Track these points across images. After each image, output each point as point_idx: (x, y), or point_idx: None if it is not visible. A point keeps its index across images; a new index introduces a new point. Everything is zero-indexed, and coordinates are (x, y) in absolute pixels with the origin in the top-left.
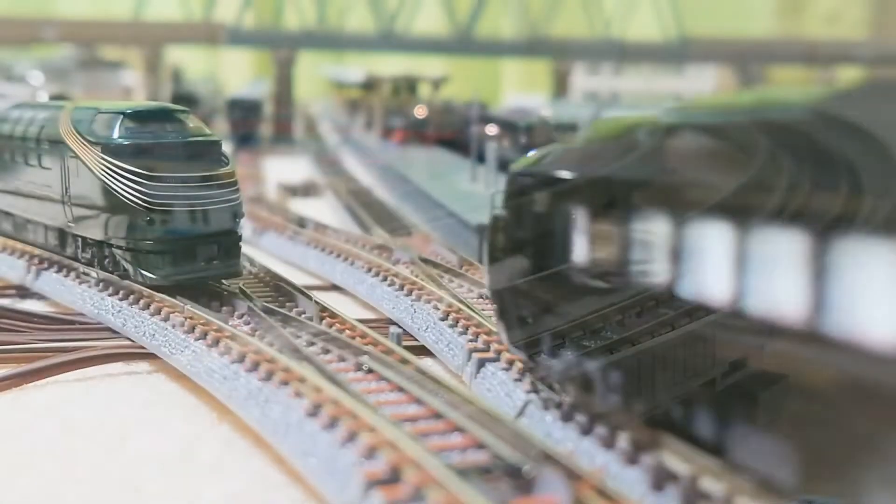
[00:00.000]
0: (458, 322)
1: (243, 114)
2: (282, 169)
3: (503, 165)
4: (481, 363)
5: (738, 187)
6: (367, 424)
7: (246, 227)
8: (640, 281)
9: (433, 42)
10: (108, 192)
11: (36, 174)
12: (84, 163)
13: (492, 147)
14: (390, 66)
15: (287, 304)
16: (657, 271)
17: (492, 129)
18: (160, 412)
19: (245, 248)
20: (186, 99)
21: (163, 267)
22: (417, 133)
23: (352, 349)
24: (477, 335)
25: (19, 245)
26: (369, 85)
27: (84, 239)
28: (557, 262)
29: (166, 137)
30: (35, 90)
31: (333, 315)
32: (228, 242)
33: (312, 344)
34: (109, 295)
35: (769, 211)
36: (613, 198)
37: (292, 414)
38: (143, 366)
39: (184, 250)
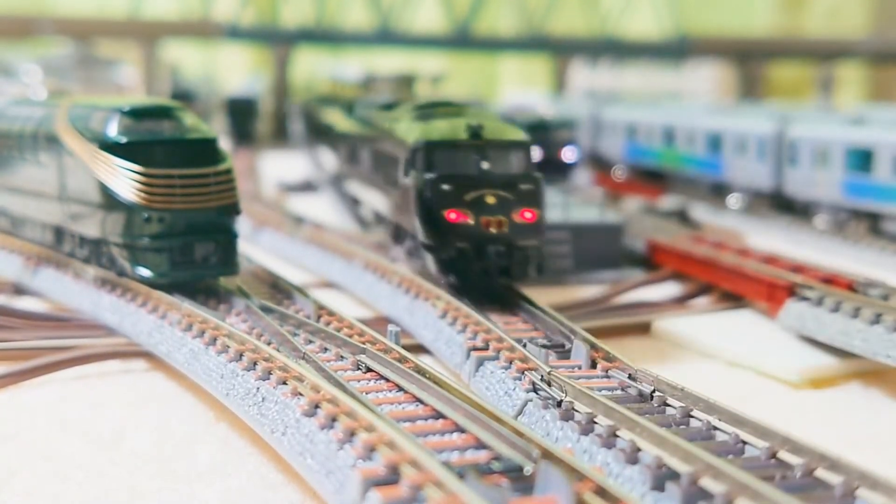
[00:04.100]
0: (456, 320)
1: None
2: (279, 166)
3: None
4: (480, 361)
5: None
6: (366, 423)
7: (243, 225)
8: None
9: (432, 38)
10: (104, 189)
11: (33, 171)
12: (81, 160)
13: None
14: (389, 63)
15: (284, 301)
16: None
17: None
18: (157, 411)
19: (243, 246)
20: (184, 96)
21: (160, 265)
22: None
23: (350, 347)
24: (475, 333)
25: (16, 242)
26: (367, 83)
27: (81, 236)
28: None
29: (163, 134)
30: (30, 86)
31: (331, 313)
32: (226, 240)
33: (310, 342)
34: (106, 293)
35: None
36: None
37: (290, 413)
38: (140, 364)
39: (181, 248)
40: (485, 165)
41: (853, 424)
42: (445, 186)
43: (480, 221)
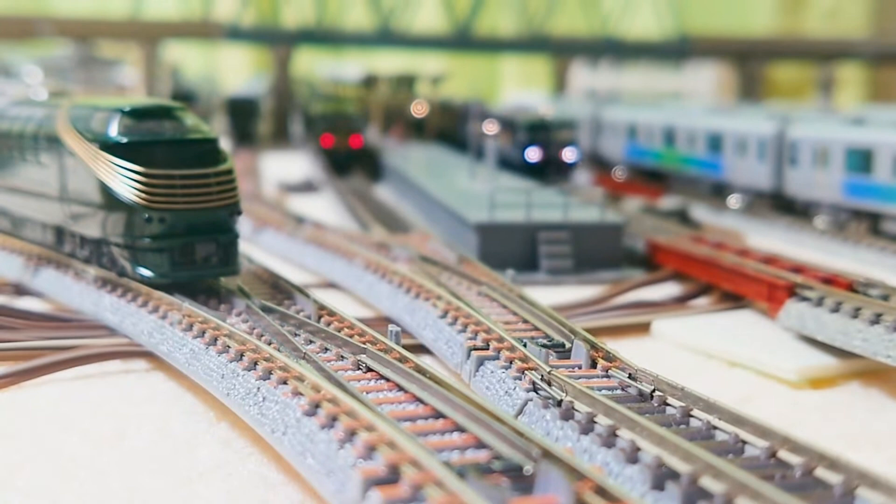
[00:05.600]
0: (456, 320)
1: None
2: (280, 166)
3: (503, 163)
4: (480, 361)
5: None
6: (366, 423)
7: (244, 225)
8: None
9: (432, 38)
10: (105, 189)
11: (34, 171)
12: (82, 160)
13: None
14: (389, 64)
15: (285, 302)
16: None
17: (491, 127)
18: (158, 411)
19: (243, 246)
20: (185, 96)
21: (160, 265)
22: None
23: (350, 347)
24: (476, 333)
25: (17, 242)
26: (368, 83)
27: (82, 236)
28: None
29: (164, 135)
30: (31, 87)
31: (332, 313)
32: (226, 240)
33: (311, 342)
34: (107, 293)
35: None
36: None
37: (290, 412)
38: (140, 364)
39: (182, 248)
40: (340, 122)
41: (853, 424)
42: (323, 130)
43: (334, 144)
